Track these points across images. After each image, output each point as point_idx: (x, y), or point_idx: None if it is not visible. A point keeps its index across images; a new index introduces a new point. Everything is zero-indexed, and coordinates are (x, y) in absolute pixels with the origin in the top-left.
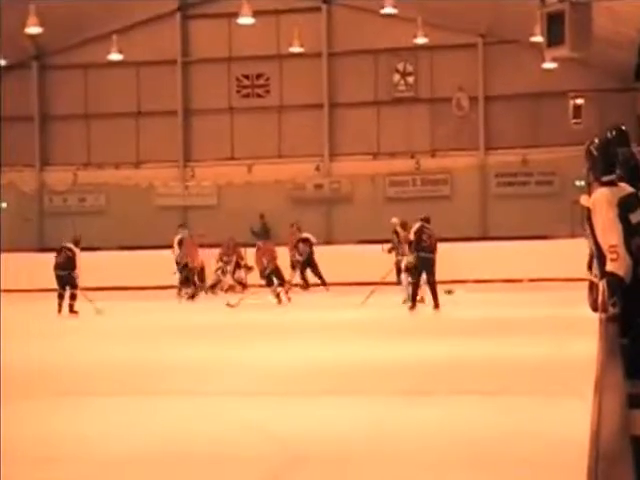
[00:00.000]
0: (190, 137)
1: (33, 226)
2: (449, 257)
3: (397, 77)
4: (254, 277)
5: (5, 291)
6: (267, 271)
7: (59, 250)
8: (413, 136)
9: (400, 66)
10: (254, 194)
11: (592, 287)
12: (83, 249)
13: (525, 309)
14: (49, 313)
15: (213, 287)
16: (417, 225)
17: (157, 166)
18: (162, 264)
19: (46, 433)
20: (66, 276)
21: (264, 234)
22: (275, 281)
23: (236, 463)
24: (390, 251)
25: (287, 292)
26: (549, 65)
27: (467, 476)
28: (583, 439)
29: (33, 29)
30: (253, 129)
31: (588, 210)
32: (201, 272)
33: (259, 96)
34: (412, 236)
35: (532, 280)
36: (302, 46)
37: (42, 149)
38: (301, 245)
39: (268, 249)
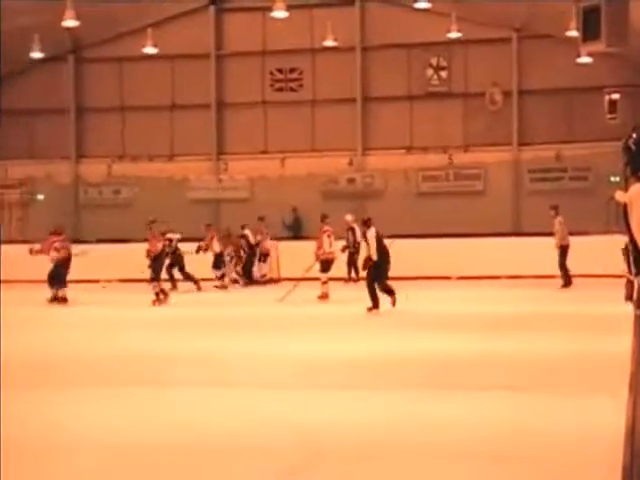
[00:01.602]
0: (223, 130)
1: (69, 218)
2: (481, 253)
3: (430, 72)
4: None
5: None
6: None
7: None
8: (446, 131)
9: (433, 61)
10: (287, 188)
11: (629, 281)
12: (114, 241)
13: (558, 306)
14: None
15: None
16: (374, 230)
17: (190, 159)
18: (195, 257)
19: (50, 423)
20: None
21: (296, 228)
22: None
23: (254, 455)
24: (344, 250)
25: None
26: (584, 60)
27: (489, 472)
28: (616, 437)
29: (70, 22)
30: (286, 123)
31: (624, 206)
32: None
33: (292, 90)
34: (372, 241)
35: None
36: (335, 40)
37: (77, 141)
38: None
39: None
